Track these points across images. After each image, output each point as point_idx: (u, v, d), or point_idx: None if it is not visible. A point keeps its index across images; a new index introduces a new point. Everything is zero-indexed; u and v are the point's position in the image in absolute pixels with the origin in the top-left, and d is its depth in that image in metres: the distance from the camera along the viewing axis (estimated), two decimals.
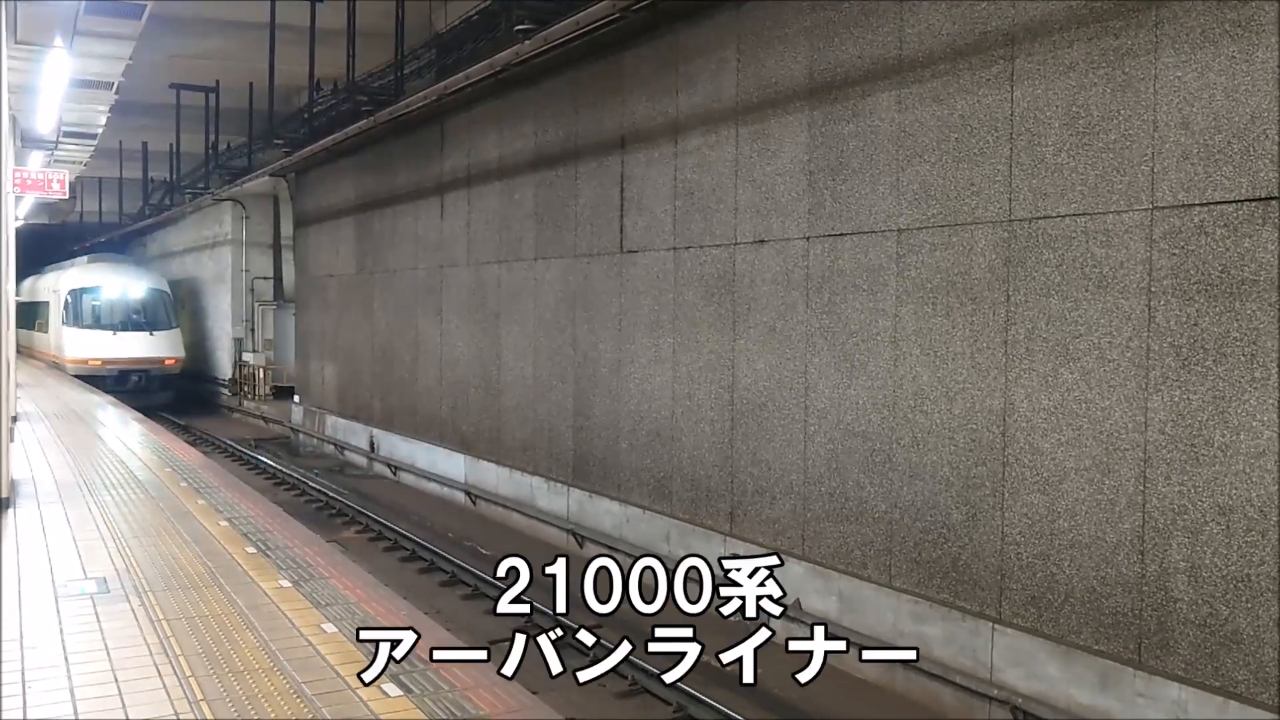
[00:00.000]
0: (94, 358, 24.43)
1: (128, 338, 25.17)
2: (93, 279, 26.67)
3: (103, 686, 4.74)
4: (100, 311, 25.88)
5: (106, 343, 24.90)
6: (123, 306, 25.92)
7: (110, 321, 25.69)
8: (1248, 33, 5.56)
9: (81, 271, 27.83)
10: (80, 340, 25.10)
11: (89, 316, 25.70)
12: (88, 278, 26.82)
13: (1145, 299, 6.03)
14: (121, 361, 24.57)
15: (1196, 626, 5.81)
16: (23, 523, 8.03)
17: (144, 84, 16.91)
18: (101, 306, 25.96)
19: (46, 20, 9.88)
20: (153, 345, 25.28)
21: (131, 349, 24.93)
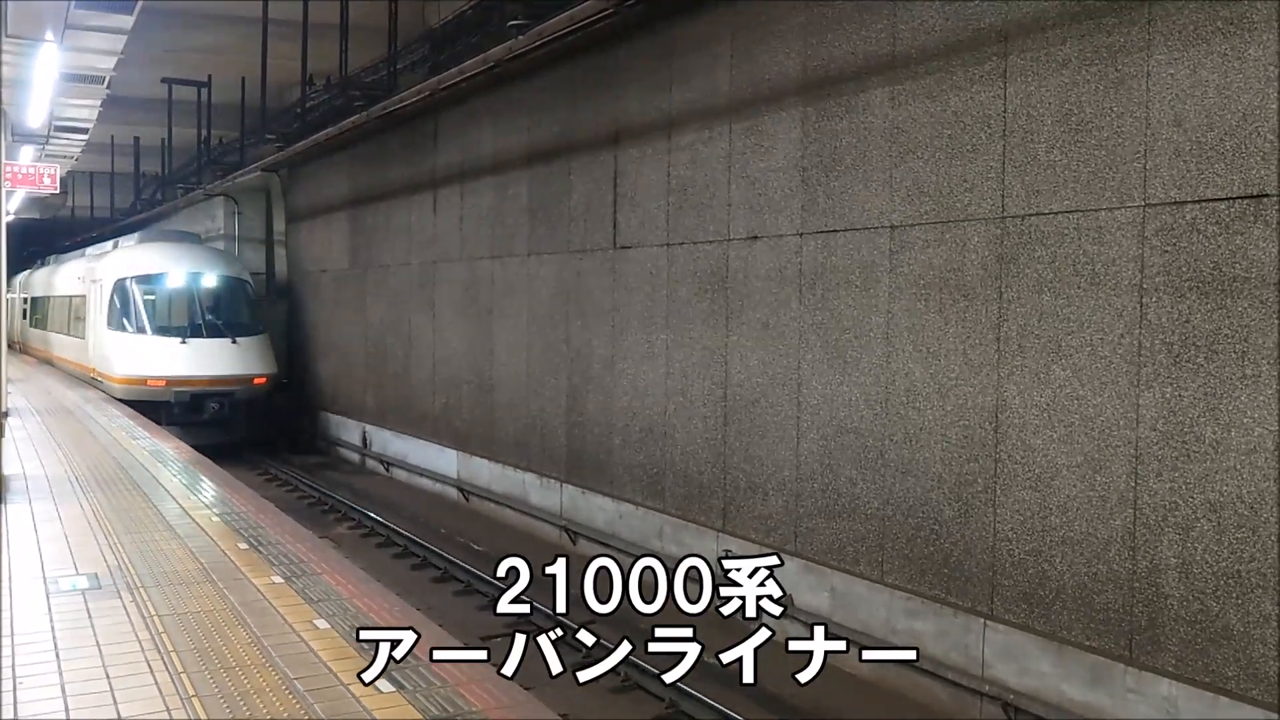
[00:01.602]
0: (154, 375, 17.25)
1: (203, 348, 17.76)
2: (150, 263, 18.93)
3: (94, 683, 4.72)
4: (162, 310, 18.78)
5: (172, 355, 17.51)
6: (194, 303, 18.49)
7: (177, 324, 18.35)
8: (1240, 30, 5.57)
9: (133, 254, 19.76)
10: (133, 351, 17.74)
11: (146, 317, 18.32)
12: (142, 262, 19.05)
13: (1137, 296, 6.04)
14: (195, 381, 17.35)
15: (1187, 623, 5.83)
16: (14, 518, 8.00)
17: (136, 78, 16.84)
18: (164, 303, 18.84)
19: (37, 14, 9.83)
20: (237, 357, 17.89)
21: (208, 363, 17.59)
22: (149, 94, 19.09)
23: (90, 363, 19.52)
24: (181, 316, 18.58)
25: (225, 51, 16.56)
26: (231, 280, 19.31)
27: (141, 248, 20.14)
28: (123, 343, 18.00)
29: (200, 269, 18.98)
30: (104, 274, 19.15)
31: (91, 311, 19.61)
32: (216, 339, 18.01)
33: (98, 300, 19.11)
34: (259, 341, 18.54)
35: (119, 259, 19.78)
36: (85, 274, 20.95)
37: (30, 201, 27.33)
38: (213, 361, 17.66)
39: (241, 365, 17.91)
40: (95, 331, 19.18)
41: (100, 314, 18.82)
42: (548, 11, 9.83)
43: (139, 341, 17.95)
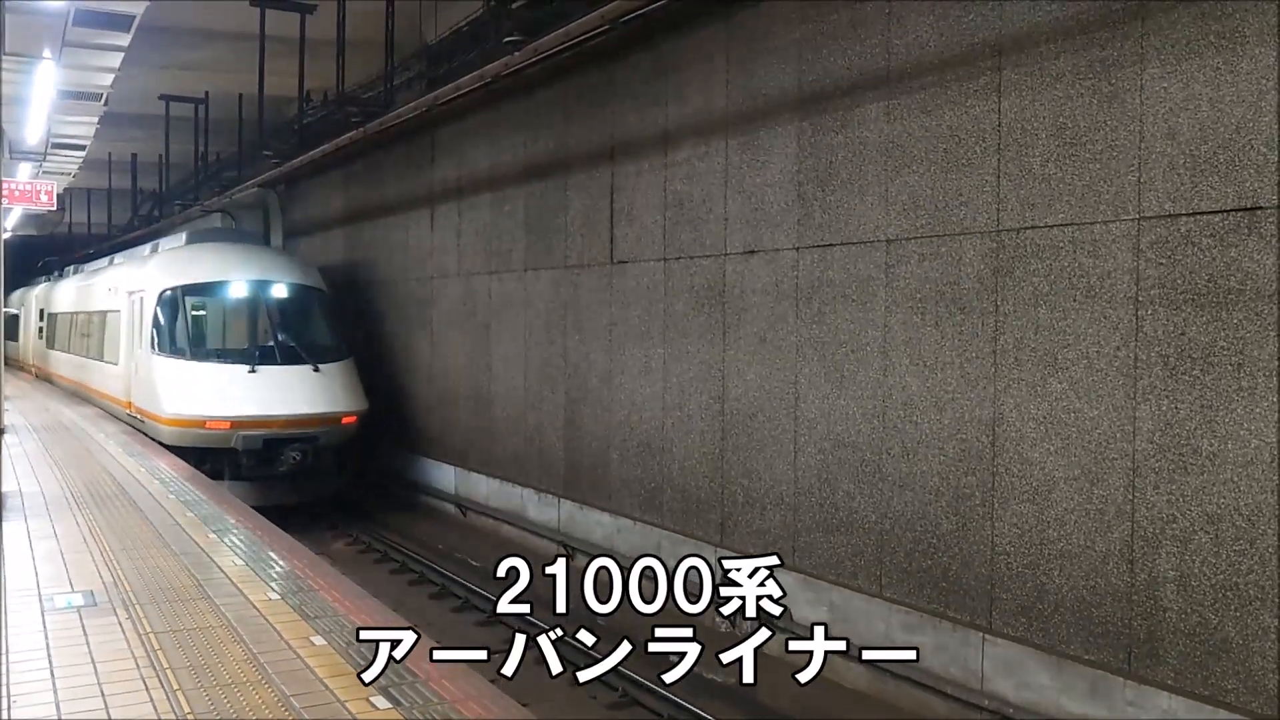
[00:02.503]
0: (215, 416, 13.28)
1: (277, 378, 13.81)
2: (204, 269, 15.05)
3: (89, 700, 4.70)
4: (223, 329, 15.24)
5: (239, 387, 13.58)
6: (263, 320, 14.59)
7: (243, 347, 14.52)
8: (1232, 44, 5.60)
9: (182, 258, 15.70)
10: (186, 382, 13.72)
11: (202, 338, 14.69)
12: (195, 268, 15.10)
13: (1133, 309, 6.05)
14: (269, 423, 13.36)
15: (1185, 635, 5.82)
16: (10, 536, 7.97)
17: (133, 95, 16.89)
18: (225, 320, 15.30)
19: (35, 31, 9.87)
20: (321, 390, 13.94)
21: (286, 398, 13.63)
22: (146, 110, 19.12)
23: (129, 396, 15.19)
24: (248, 337, 14.67)
25: (222, 68, 16.60)
26: (307, 290, 15.19)
27: (192, 250, 15.93)
28: (172, 372, 13.83)
29: (268, 276, 14.88)
30: (145, 283, 15.02)
31: (128, 331, 15.56)
32: (294, 366, 13.91)
33: (137, 317, 15.04)
34: (345, 369, 14.47)
35: (164, 265, 15.49)
36: (120, 284, 16.77)
37: (27, 218, 27.34)
38: (291, 396, 13.61)
39: (327, 400, 13.85)
40: (134, 357, 15.02)
41: (141, 334, 14.75)
42: (543, 28, 9.87)
43: (194, 370, 13.77)
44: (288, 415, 13.49)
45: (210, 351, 14.37)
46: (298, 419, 13.56)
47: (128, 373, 15.39)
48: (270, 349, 14.13)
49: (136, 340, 14.98)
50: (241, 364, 13.84)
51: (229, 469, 13.17)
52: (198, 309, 14.81)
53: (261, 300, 14.63)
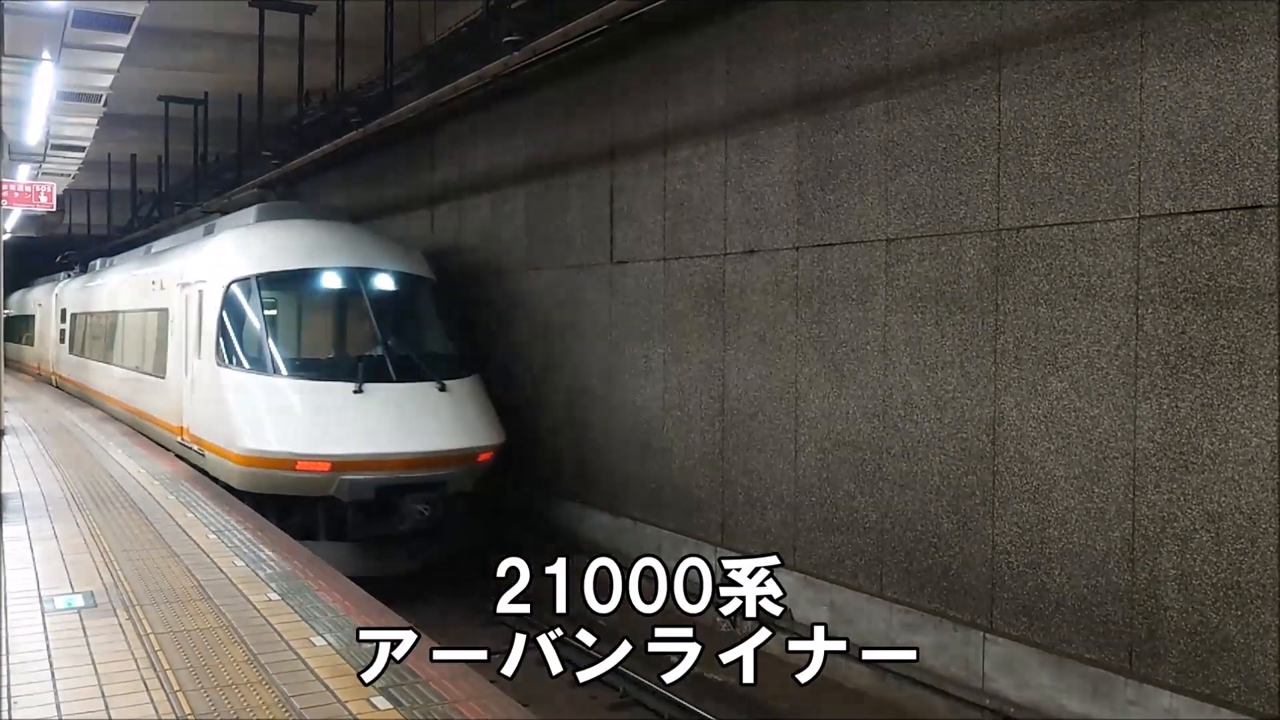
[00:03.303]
0: (311, 454, 9.77)
1: (393, 401, 10.31)
2: (287, 254, 11.48)
3: (89, 701, 4.70)
4: (317, 334, 11.93)
5: (342, 414, 10.07)
6: (370, 322, 11.01)
7: (345, 359, 11.06)
8: (1232, 42, 5.59)
9: (254, 240, 11.89)
10: (269, 406, 10.31)
11: (288, 346, 11.29)
12: (274, 252, 11.50)
13: (1133, 307, 6.05)
14: (385, 463, 9.93)
15: (1187, 634, 5.81)
16: (10, 537, 7.97)
17: (132, 96, 16.89)
18: (319, 322, 12.01)
19: (34, 33, 9.88)
20: (451, 417, 10.47)
21: (406, 430, 10.16)
22: (146, 111, 19.12)
23: (181, 420, 11.81)
24: (351, 345, 11.27)
25: (222, 69, 16.60)
26: (419, 282, 11.70)
27: (266, 230, 12.01)
28: (247, 392, 10.30)
29: (370, 263, 11.32)
30: (206, 273, 11.50)
31: (181, 336, 12.02)
32: (413, 384, 10.34)
33: (194, 317, 11.51)
34: (474, 387, 10.87)
35: (232, 249, 11.71)
36: (169, 276, 13.20)
37: (27, 220, 27.32)
38: (412, 426, 10.03)
39: (459, 430, 10.29)
40: (190, 370, 11.53)
41: (200, 340, 11.20)
42: (543, 29, 9.86)
43: (278, 390, 10.24)
44: (409, 453, 9.87)
45: (301, 364, 10.72)
46: (422, 458, 9.91)
47: (180, 390, 11.94)
48: (380, 361, 10.42)
49: (193, 348, 11.45)
50: (344, 382, 10.07)
51: (325, 525, 9.74)
52: (281, 307, 11.27)
53: (366, 295, 11.00)
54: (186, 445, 11.68)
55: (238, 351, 10.63)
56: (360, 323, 11.17)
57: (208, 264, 11.78)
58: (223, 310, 10.84)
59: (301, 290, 11.50)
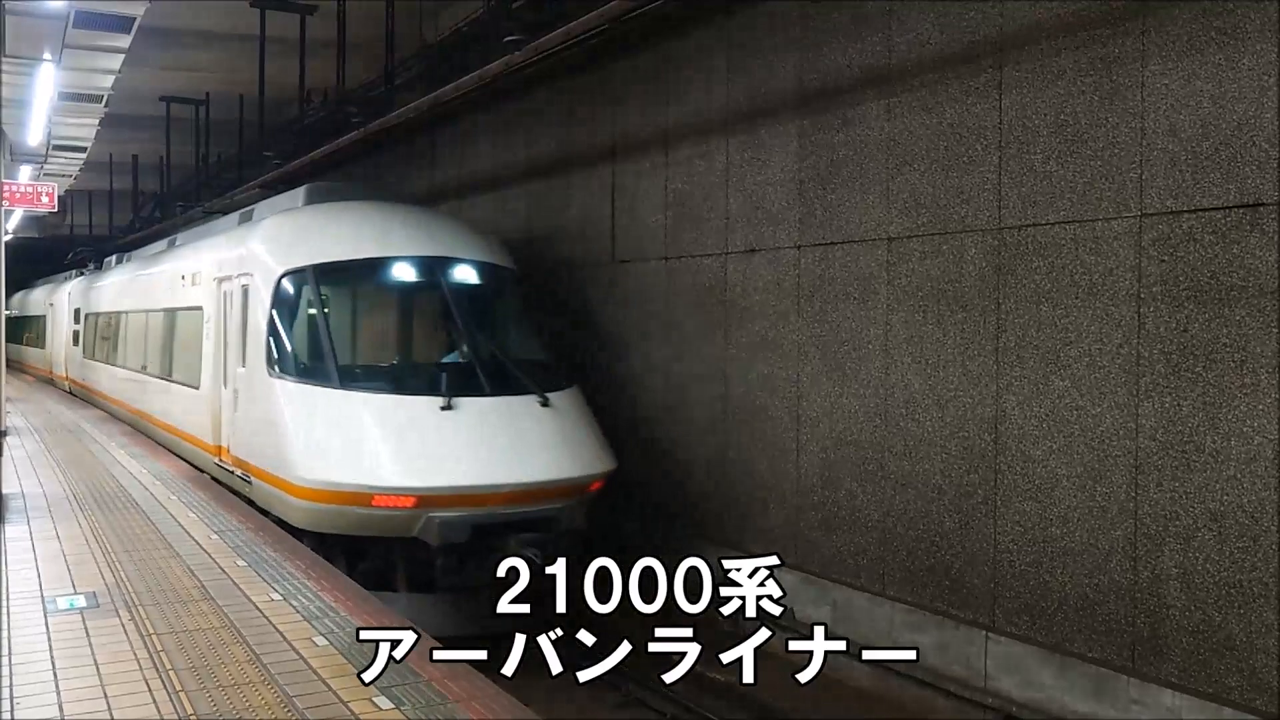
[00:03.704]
0: (392, 487, 7.83)
1: (488, 419, 8.36)
2: (350, 242, 9.59)
3: (92, 702, 4.70)
4: (388, 338, 10.37)
5: (428, 436, 8.09)
6: (455, 323, 9.23)
7: (429, 369, 9.22)
8: (1234, 40, 5.59)
9: (308, 225, 10.04)
10: (337, 426, 8.31)
11: (359, 352, 9.91)
12: (334, 240, 9.62)
13: (1135, 305, 6.04)
14: (483, 496, 7.95)
15: (1189, 633, 5.81)
16: (12, 537, 7.97)
17: (133, 97, 16.89)
18: (390, 323, 10.38)
19: (35, 33, 9.89)
20: (559, 439, 8.54)
21: (509, 455, 8.19)
22: (147, 112, 19.13)
23: (220, 439, 10.16)
24: (432, 350, 9.52)
25: (223, 69, 16.61)
26: (502, 274, 9.84)
27: (321, 214, 10.11)
28: (308, 407, 8.51)
29: (447, 251, 9.56)
30: (250, 264, 9.74)
31: (220, 339, 10.31)
32: (510, 398, 8.53)
33: (237, 316, 9.80)
34: (576, 400, 9.06)
35: (282, 235, 9.89)
36: (204, 268, 11.40)
37: (29, 220, 27.33)
38: (515, 449, 8.21)
39: (569, 454, 8.44)
40: (234, 379, 9.72)
41: (245, 343, 9.49)
42: (544, 28, 9.86)
43: (347, 405, 8.34)
44: (514, 484, 7.96)
45: (374, 374, 9.03)
46: (529, 489, 8.01)
47: (218, 402, 10.20)
48: (469, 370, 8.63)
49: (234, 353, 9.73)
50: (428, 395, 8.26)
51: (405, 571, 8.04)
52: (346, 304, 9.61)
53: (446, 290, 9.20)
54: (226, 468, 9.96)
55: (295, 358, 8.91)
56: (441, 323, 9.41)
57: (252, 254, 9.85)
58: (274, 308, 9.07)
59: (370, 284, 9.70)
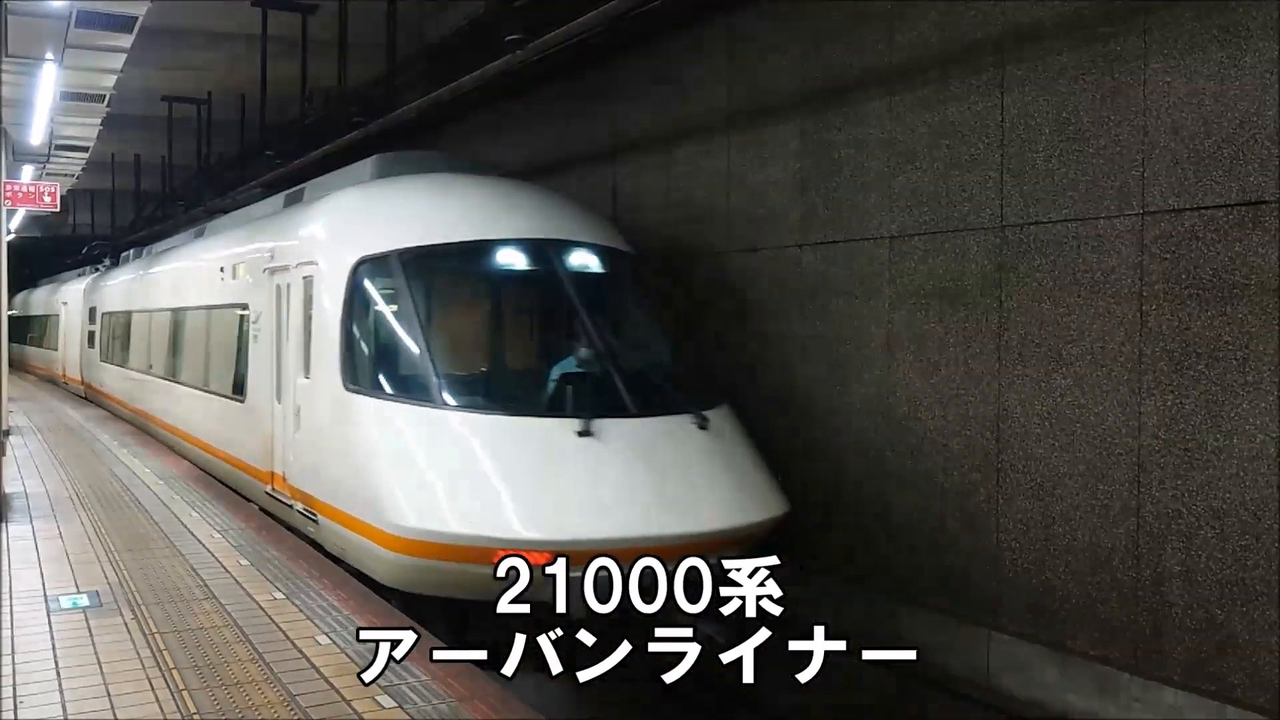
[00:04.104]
0: (521, 539, 5.69)
1: (635, 448, 6.34)
2: (444, 222, 7.49)
3: (95, 701, 4.71)
4: (491, 341, 8.09)
5: (564, 471, 6.13)
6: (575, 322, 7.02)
7: (556, 384, 6.85)
8: (1236, 38, 5.58)
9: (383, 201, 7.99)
10: (445, 462, 6.30)
11: (458, 359, 7.46)
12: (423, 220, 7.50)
13: (1137, 304, 6.03)
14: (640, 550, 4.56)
15: (1192, 631, 5.80)
16: (15, 536, 7.98)
17: (135, 96, 16.89)
18: (500, 324, 8.18)
19: (37, 33, 9.89)
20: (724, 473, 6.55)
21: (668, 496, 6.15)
22: (149, 112, 19.13)
23: (278, 466, 8.34)
24: (554, 357, 7.27)
25: (224, 69, 16.61)
26: (624, 262, 8.02)
27: (402, 188, 8.20)
28: (399, 431, 6.72)
29: (562, 233, 7.70)
30: (313, 250, 8.03)
31: (271, 343, 8.65)
32: (660, 419, 6.78)
33: (294, 315, 8.11)
34: (731, 420, 7.19)
35: (354, 214, 8.09)
36: (249, 259, 9.73)
37: (30, 220, 27.35)
38: (676, 488, 6.38)
39: (744, 495, 6.66)
40: (294, 392, 7.98)
41: (311, 349, 7.70)
42: (545, 27, 9.86)
43: (455, 430, 6.56)
44: (680, 535, 5.99)
45: (486, 390, 7.22)
46: (696, 540, 5.93)
47: (270, 420, 8.50)
48: (607, 384, 6.73)
49: (294, 359, 7.91)
50: (558, 417, 6.48)
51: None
52: (442, 299, 7.66)
53: (567, 282, 7.26)
54: (282, 500, 8.19)
55: (381, 367, 7.05)
56: (565, 323, 7.21)
57: (316, 239, 8.05)
58: (349, 305, 7.15)
59: (472, 274, 7.68)
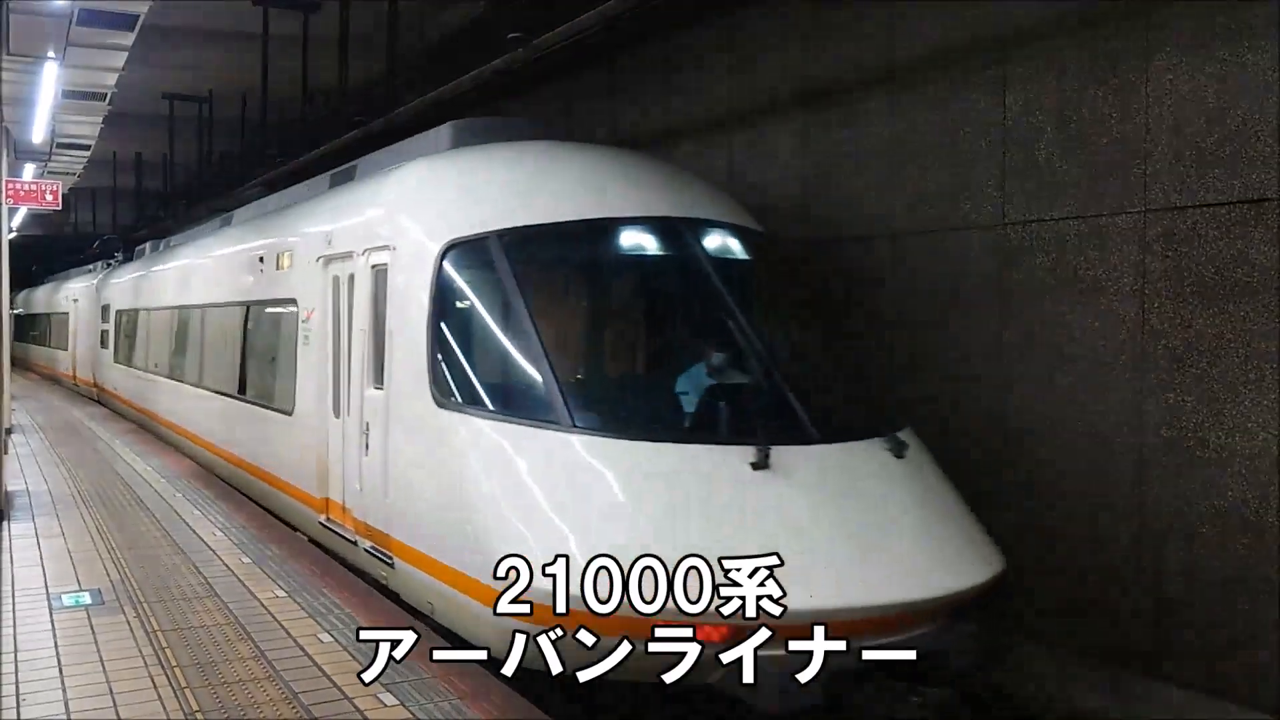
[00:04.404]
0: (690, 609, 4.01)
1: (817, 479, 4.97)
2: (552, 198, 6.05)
3: (98, 699, 4.71)
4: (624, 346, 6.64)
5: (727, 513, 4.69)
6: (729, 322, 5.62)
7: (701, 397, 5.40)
8: (1239, 36, 5.57)
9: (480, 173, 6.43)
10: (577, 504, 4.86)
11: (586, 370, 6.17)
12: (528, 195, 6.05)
13: (1139, 301, 6.03)
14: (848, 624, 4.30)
15: (1194, 629, 5.80)
16: (17, 535, 7.99)
17: (137, 95, 16.89)
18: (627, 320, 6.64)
19: (39, 31, 9.88)
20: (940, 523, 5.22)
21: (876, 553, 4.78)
22: (150, 110, 19.13)
23: (335, 493, 7.28)
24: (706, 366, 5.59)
25: (226, 67, 16.60)
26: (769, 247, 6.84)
27: (493, 155, 6.74)
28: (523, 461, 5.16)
29: (697, 211, 6.33)
30: (389, 231, 6.64)
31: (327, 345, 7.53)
32: (848, 446, 5.33)
33: (359, 311, 6.96)
34: (920, 446, 5.74)
35: (440, 185, 6.74)
36: (298, 245, 8.52)
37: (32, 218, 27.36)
38: (878, 539, 4.98)
39: (956, 548, 5.25)
40: (360, 406, 6.80)
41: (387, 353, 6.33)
42: (545, 26, 9.85)
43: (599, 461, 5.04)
44: (892, 604, 4.78)
45: (628, 408, 5.82)
46: (912, 609, 4.86)
47: (324, 436, 7.37)
48: (780, 399, 5.51)
49: (362, 365, 6.71)
50: (727, 444, 5.19)
51: None
52: (562, 292, 6.43)
53: (712, 272, 5.95)
54: (342, 534, 6.94)
55: (483, 378, 5.65)
56: (713, 323, 5.84)
57: (390, 219, 6.66)
58: (438, 299, 5.79)
59: (593, 261, 6.25)
